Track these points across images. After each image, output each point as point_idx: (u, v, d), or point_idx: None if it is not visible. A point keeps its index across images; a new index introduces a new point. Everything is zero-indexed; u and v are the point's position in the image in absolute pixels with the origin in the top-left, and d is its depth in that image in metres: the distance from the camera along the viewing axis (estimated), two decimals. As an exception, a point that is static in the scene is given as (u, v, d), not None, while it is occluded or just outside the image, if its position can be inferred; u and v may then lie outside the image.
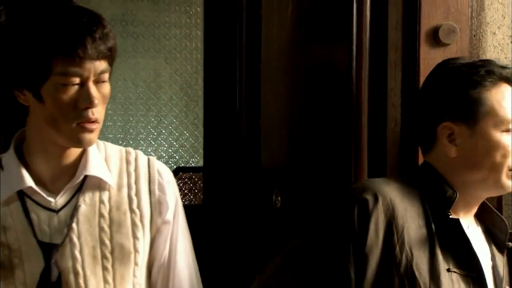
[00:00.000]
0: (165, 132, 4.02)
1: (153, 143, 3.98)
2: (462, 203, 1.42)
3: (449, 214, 1.38)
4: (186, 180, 4.00)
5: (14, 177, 1.37)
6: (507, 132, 1.38)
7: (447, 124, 1.42)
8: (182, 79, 4.02)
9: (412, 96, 1.82)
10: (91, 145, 1.39)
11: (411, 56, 1.84)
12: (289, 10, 2.30)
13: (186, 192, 4.02)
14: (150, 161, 1.48)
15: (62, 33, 1.28)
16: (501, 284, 1.42)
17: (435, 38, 1.81)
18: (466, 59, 1.47)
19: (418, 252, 1.34)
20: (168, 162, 4.04)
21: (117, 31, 3.83)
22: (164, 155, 4.06)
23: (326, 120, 2.09)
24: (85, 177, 1.40)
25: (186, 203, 3.91)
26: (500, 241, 1.45)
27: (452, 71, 1.45)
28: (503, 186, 1.40)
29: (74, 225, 1.36)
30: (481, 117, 1.39)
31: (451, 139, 1.42)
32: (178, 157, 4.06)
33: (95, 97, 1.31)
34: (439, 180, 1.42)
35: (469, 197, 1.42)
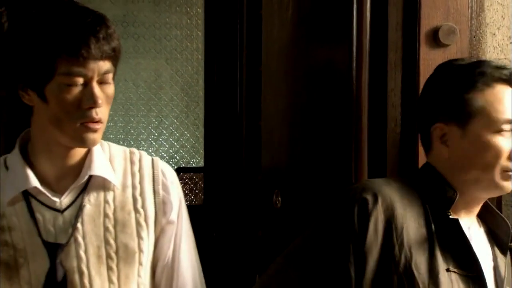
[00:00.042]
0: (166, 132, 4.02)
1: (154, 143, 3.98)
2: (462, 203, 1.42)
3: (449, 214, 1.38)
4: (187, 180, 4.01)
5: (19, 177, 1.37)
6: (499, 133, 1.37)
7: (439, 125, 1.43)
8: (183, 80, 4.02)
9: (412, 97, 1.83)
10: (95, 145, 1.38)
11: (411, 57, 1.84)
12: (290, 11, 2.30)
13: (187, 192, 4.02)
14: (154, 161, 1.48)
15: (66, 33, 1.28)
16: (502, 284, 1.42)
17: (435, 39, 1.82)
18: (465, 60, 1.47)
19: (417, 251, 1.34)
20: (169, 163, 4.04)
21: (118, 32, 3.82)
22: (165, 155, 4.06)
23: (326, 120, 2.09)
24: (90, 177, 1.39)
25: (186, 203, 3.89)
26: (502, 242, 1.45)
27: (446, 73, 1.45)
28: (497, 187, 1.39)
29: (79, 225, 1.36)
30: (472, 118, 1.38)
31: (443, 140, 1.42)
32: (179, 158, 4.06)
33: (99, 97, 1.31)
34: (439, 180, 1.42)
35: (468, 197, 1.42)
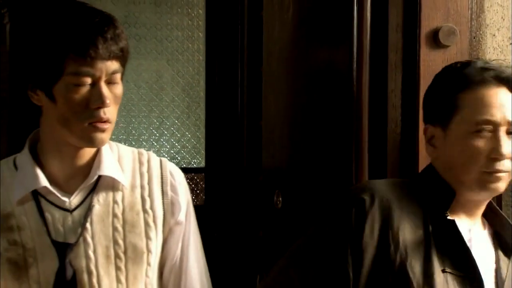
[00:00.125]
0: (167, 133, 4.01)
1: (155, 144, 3.97)
2: (460, 204, 1.42)
3: (447, 215, 1.39)
4: (188, 181, 4.00)
5: (28, 177, 1.37)
6: (477, 133, 1.37)
7: (428, 127, 1.46)
8: (184, 81, 4.02)
9: (413, 98, 1.84)
10: (103, 145, 1.39)
11: (411, 58, 1.85)
12: (290, 12, 2.31)
13: (188, 192, 4.01)
14: (162, 162, 1.48)
15: (74, 33, 1.29)
16: (502, 286, 1.41)
17: (435, 40, 1.82)
18: (459, 63, 1.48)
19: (413, 252, 1.34)
20: (170, 163, 4.03)
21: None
22: (166, 156, 4.06)
23: (326, 121, 2.09)
24: (99, 177, 1.40)
25: (187, 204, 3.90)
26: (506, 244, 1.45)
27: (437, 76, 1.48)
28: (479, 187, 1.39)
29: (88, 225, 1.36)
30: (452, 119, 1.40)
31: (432, 142, 1.45)
32: (180, 158, 4.06)
33: (107, 97, 1.32)
34: (438, 181, 1.43)
35: (463, 198, 1.42)
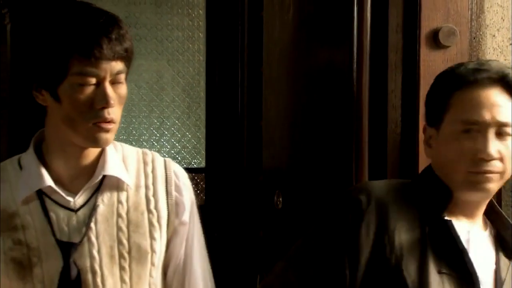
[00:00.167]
0: (167, 133, 4.02)
1: (155, 144, 3.98)
2: (457, 205, 1.42)
3: (443, 215, 1.39)
4: (188, 181, 4.01)
5: (33, 176, 1.37)
6: (464, 134, 1.37)
7: (425, 127, 1.47)
8: (184, 81, 4.03)
9: (413, 98, 1.85)
10: (107, 145, 1.38)
11: (411, 58, 1.85)
12: (290, 13, 2.31)
13: (188, 193, 4.01)
14: (167, 162, 1.48)
15: (79, 34, 1.29)
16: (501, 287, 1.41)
17: (435, 40, 1.82)
18: (455, 65, 1.48)
19: (409, 253, 1.35)
20: (171, 164, 4.03)
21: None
22: (166, 156, 4.05)
23: (327, 121, 2.10)
24: (104, 177, 1.40)
25: (188, 204, 3.89)
26: (507, 245, 1.44)
27: (436, 77, 1.49)
28: (467, 188, 1.38)
29: (92, 224, 1.36)
30: (444, 119, 1.40)
31: (429, 143, 1.45)
32: (181, 158, 4.06)
33: (111, 97, 1.31)
34: (435, 182, 1.43)
35: (459, 199, 1.42)
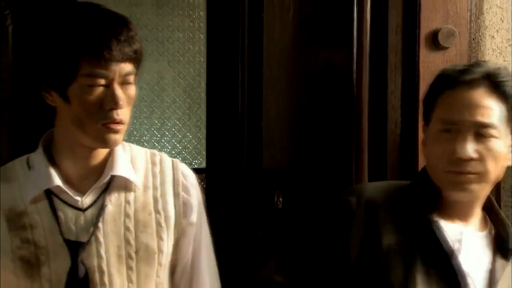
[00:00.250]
0: (168, 134, 4.03)
1: (156, 145, 3.98)
2: (449, 206, 1.42)
3: (431, 216, 1.39)
4: (189, 181, 4.00)
5: (42, 176, 1.38)
6: (445, 133, 1.37)
7: (423, 127, 1.47)
8: (185, 82, 4.04)
9: (412, 99, 1.86)
10: (116, 146, 1.39)
11: (411, 59, 1.86)
12: (291, 14, 2.32)
13: (188, 193, 4.01)
14: (175, 163, 1.49)
15: (88, 35, 1.29)
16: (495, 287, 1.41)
17: (434, 41, 1.84)
18: (451, 65, 1.49)
19: (396, 254, 1.36)
20: (171, 164, 4.03)
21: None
22: (167, 157, 4.07)
23: (327, 122, 2.10)
24: (112, 177, 1.40)
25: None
26: (504, 245, 1.44)
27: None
28: (447, 188, 1.38)
29: (100, 224, 1.36)
30: (431, 120, 1.41)
31: (424, 141, 1.46)
32: (181, 159, 4.05)
33: (120, 98, 1.32)
34: (425, 182, 1.43)
35: (447, 199, 1.41)
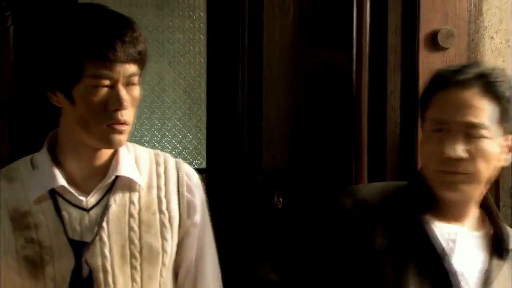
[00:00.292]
0: (168, 134, 4.03)
1: (156, 145, 3.98)
2: (444, 206, 1.42)
3: (422, 216, 1.39)
4: (189, 182, 4.01)
5: (46, 176, 1.38)
6: (436, 133, 1.37)
7: (421, 126, 1.47)
8: (185, 83, 4.04)
9: (412, 100, 1.86)
10: (120, 146, 1.40)
11: (410, 60, 1.87)
12: (290, 15, 2.33)
13: (189, 194, 4.02)
14: (178, 163, 1.50)
15: (93, 36, 1.30)
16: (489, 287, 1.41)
17: (433, 42, 1.84)
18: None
19: (388, 255, 1.37)
20: (172, 165, 4.04)
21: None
22: (167, 157, 4.07)
23: (326, 122, 2.11)
24: (116, 177, 1.40)
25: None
26: (499, 246, 1.45)
27: None
28: (437, 188, 1.38)
29: (104, 224, 1.37)
30: (425, 120, 1.42)
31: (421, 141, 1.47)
32: (181, 159, 4.07)
33: (125, 99, 1.32)
34: (418, 182, 1.44)
35: (440, 199, 1.42)
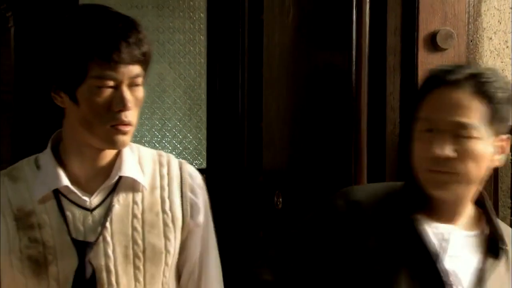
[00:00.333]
0: (169, 135, 4.03)
1: (157, 146, 3.98)
2: (436, 206, 1.42)
3: (413, 217, 1.39)
4: (189, 182, 4.01)
5: (50, 176, 1.39)
6: (427, 133, 1.37)
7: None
8: (185, 83, 4.04)
9: (411, 100, 1.87)
10: (124, 147, 1.40)
11: (409, 61, 1.88)
12: (290, 16, 2.33)
13: (189, 194, 4.02)
14: (182, 164, 1.50)
15: (98, 38, 1.31)
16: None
17: (433, 43, 1.85)
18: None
19: (380, 256, 1.37)
20: (172, 165, 4.04)
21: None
22: (167, 158, 4.07)
23: (326, 122, 2.12)
24: (120, 178, 1.40)
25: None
26: (494, 245, 1.44)
27: None
28: (427, 187, 1.37)
29: (107, 224, 1.37)
30: (417, 120, 1.41)
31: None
32: (182, 159, 4.08)
33: (129, 100, 1.33)
34: (411, 182, 1.43)
35: (432, 199, 1.41)
